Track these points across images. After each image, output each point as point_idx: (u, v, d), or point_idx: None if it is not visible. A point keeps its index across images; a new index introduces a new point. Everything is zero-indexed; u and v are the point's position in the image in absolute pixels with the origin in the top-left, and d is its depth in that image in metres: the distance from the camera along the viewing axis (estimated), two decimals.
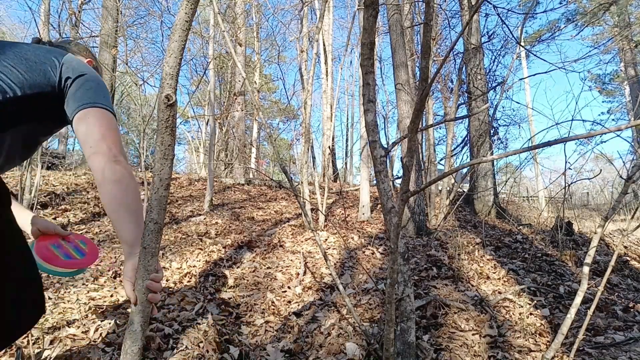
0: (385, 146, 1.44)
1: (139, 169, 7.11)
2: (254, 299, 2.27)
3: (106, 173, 0.91)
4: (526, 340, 1.88)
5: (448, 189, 5.40)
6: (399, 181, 8.62)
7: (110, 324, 1.80)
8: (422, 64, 0.87)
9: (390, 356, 1.27)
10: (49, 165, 7.01)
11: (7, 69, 0.89)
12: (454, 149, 7.66)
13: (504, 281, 2.74)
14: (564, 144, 2.97)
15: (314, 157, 12.88)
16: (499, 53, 7.70)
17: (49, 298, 2.06)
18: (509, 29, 3.53)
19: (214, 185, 5.31)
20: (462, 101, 7.13)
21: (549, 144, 0.90)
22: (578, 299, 1.46)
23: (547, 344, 1.86)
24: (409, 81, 4.28)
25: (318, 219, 4.45)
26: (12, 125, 0.91)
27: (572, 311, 1.47)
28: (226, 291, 2.37)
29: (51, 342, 1.64)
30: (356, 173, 17.65)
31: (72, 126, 0.97)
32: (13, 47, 0.96)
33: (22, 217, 1.11)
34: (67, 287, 2.27)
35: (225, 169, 9.41)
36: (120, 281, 2.41)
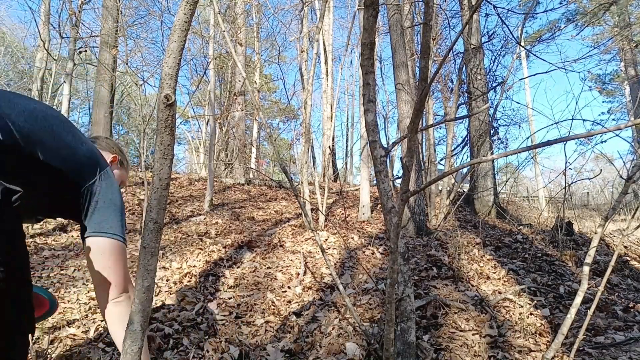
0: (386, 146, 1.44)
1: (139, 169, 7.11)
2: (254, 299, 2.27)
3: (108, 312, 1.13)
4: (526, 340, 1.88)
5: (448, 188, 5.40)
6: (399, 181, 8.62)
7: None
8: (421, 64, 0.87)
9: (390, 356, 1.27)
10: None
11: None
12: (454, 149, 7.66)
13: (504, 281, 2.73)
14: (564, 144, 2.96)
15: (314, 157, 12.88)
16: (499, 53, 7.70)
17: None
18: (509, 29, 3.53)
19: (214, 185, 5.31)
20: (462, 101, 7.13)
21: (548, 143, 0.90)
22: (578, 299, 1.46)
23: (547, 344, 1.86)
24: (409, 81, 4.27)
25: (318, 219, 4.45)
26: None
27: (572, 311, 1.47)
28: (226, 291, 2.37)
29: (51, 342, 1.64)
30: (356, 173, 17.66)
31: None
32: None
33: None
34: (67, 287, 2.27)
35: (225, 168, 9.41)
36: None
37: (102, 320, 1.84)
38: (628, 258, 3.51)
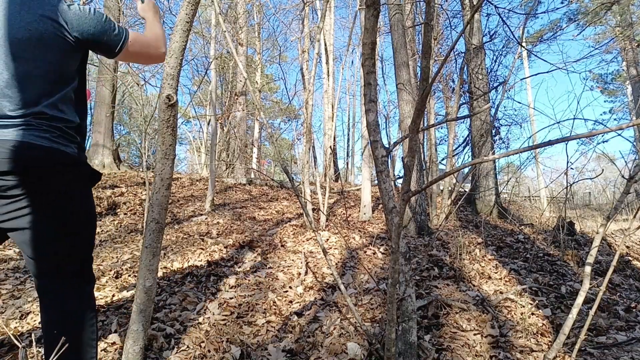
0: (387, 146, 1.44)
1: (141, 169, 7.12)
2: (256, 299, 2.27)
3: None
4: (528, 340, 1.88)
5: (449, 188, 5.39)
6: (400, 181, 8.62)
7: (112, 323, 1.80)
8: (423, 64, 0.87)
9: (391, 356, 1.27)
10: None
11: None
12: (456, 148, 7.65)
13: (506, 281, 2.73)
14: (566, 144, 2.96)
15: (315, 157, 12.88)
16: (500, 53, 7.70)
17: None
18: (510, 29, 3.52)
19: (215, 185, 5.31)
20: (464, 101, 7.13)
21: (550, 143, 0.90)
22: (580, 299, 1.46)
23: (549, 344, 1.86)
24: (410, 81, 4.27)
25: (319, 218, 4.45)
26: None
27: (574, 311, 1.47)
28: (227, 291, 2.37)
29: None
30: (357, 173, 17.63)
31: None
32: None
33: None
34: None
35: (226, 169, 9.42)
36: (122, 281, 2.42)
37: (104, 320, 1.84)
38: (630, 258, 3.51)
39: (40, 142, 1.01)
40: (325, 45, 10.02)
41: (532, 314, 2.17)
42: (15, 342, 0.76)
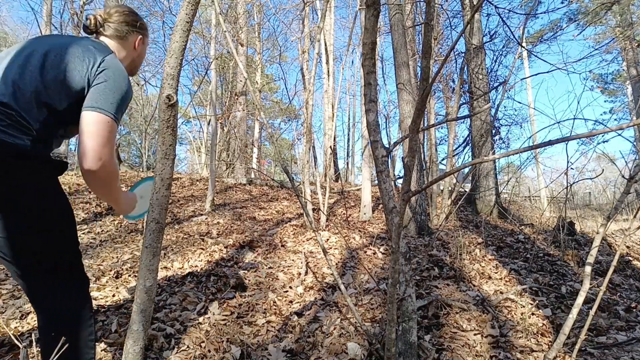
0: (387, 146, 1.44)
1: (141, 169, 7.12)
2: (256, 299, 2.27)
3: (85, 180, 1.13)
4: (528, 340, 1.87)
5: (450, 188, 5.39)
6: (400, 181, 8.62)
7: (112, 323, 1.80)
8: (423, 64, 0.87)
9: (391, 356, 1.27)
10: None
11: None
12: (456, 148, 7.66)
13: (506, 281, 2.73)
14: (566, 144, 2.96)
15: (315, 157, 12.88)
16: (500, 53, 7.70)
17: None
18: (510, 29, 3.52)
19: (215, 185, 5.32)
20: (464, 101, 7.13)
21: (550, 143, 0.90)
22: (580, 299, 1.46)
23: (549, 344, 1.86)
24: (410, 81, 4.27)
25: (319, 218, 4.45)
26: None
27: (574, 311, 1.47)
28: (228, 291, 2.38)
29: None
30: (358, 173, 17.63)
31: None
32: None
33: None
34: None
35: (226, 169, 9.42)
36: (122, 281, 2.42)
37: (104, 320, 1.84)
38: (630, 258, 3.50)
39: None
40: (326, 45, 10.01)
41: (533, 314, 2.17)
42: (16, 342, 0.76)
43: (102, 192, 1.17)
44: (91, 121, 1.06)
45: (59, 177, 1.15)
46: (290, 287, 2.51)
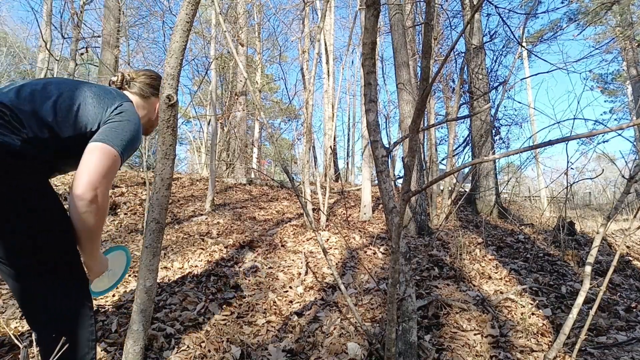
0: (387, 146, 1.44)
1: (141, 169, 7.12)
2: (256, 299, 2.28)
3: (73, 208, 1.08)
4: (528, 340, 1.88)
5: (450, 188, 5.39)
6: (400, 181, 8.62)
7: (112, 323, 1.80)
8: (423, 64, 0.87)
9: (392, 356, 1.27)
10: None
11: None
12: (456, 148, 7.66)
13: (506, 281, 2.73)
14: (566, 144, 2.96)
15: (315, 157, 12.88)
16: (500, 53, 7.70)
17: None
18: (510, 29, 3.52)
19: (215, 185, 5.32)
20: (464, 101, 7.13)
21: (550, 143, 0.90)
22: (580, 299, 1.46)
23: (549, 344, 1.86)
24: (410, 81, 4.27)
25: (319, 218, 4.45)
26: None
27: (574, 311, 1.47)
28: (228, 291, 2.38)
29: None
30: (358, 173, 17.63)
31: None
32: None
33: None
34: None
35: (226, 169, 9.42)
36: (122, 281, 2.42)
37: (104, 320, 1.84)
38: (630, 258, 3.50)
39: None
40: (326, 45, 10.01)
41: (533, 314, 2.17)
42: (16, 342, 0.76)
43: (84, 230, 1.10)
44: (96, 149, 1.06)
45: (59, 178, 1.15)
46: (290, 287, 2.51)
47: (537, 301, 2.34)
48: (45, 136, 1.06)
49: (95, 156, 1.05)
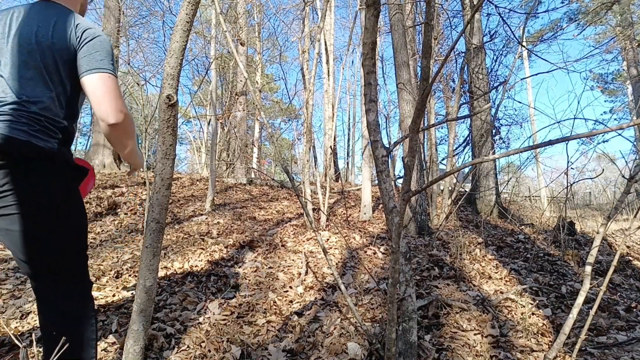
0: (387, 146, 1.44)
1: (141, 169, 7.12)
2: (256, 299, 2.28)
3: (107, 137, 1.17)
4: (528, 340, 1.87)
5: (450, 188, 5.39)
6: (400, 181, 8.62)
7: (112, 323, 1.81)
8: (423, 64, 0.87)
9: (392, 356, 1.27)
10: None
11: None
12: (456, 148, 7.66)
13: (506, 281, 2.73)
14: (566, 144, 2.96)
15: (315, 157, 12.89)
16: (500, 53, 7.70)
17: None
18: (511, 29, 3.52)
19: (215, 185, 5.32)
20: (464, 101, 7.13)
21: (550, 143, 0.90)
22: (580, 299, 1.46)
23: (549, 344, 1.86)
24: (410, 80, 4.27)
25: (320, 218, 4.45)
26: None
27: (575, 311, 1.47)
28: (228, 291, 2.38)
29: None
30: (358, 173, 17.63)
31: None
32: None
33: None
34: None
35: (227, 168, 9.42)
36: (123, 281, 2.42)
37: (104, 320, 1.84)
38: (630, 258, 3.50)
39: (17, 135, 1.00)
40: (326, 45, 10.02)
41: (533, 313, 2.17)
42: (16, 341, 0.76)
43: (129, 144, 1.20)
44: (97, 82, 1.10)
45: None
46: (291, 287, 2.51)
47: (537, 301, 2.34)
48: (65, 111, 1.13)
49: (102, 88, 1.10)
